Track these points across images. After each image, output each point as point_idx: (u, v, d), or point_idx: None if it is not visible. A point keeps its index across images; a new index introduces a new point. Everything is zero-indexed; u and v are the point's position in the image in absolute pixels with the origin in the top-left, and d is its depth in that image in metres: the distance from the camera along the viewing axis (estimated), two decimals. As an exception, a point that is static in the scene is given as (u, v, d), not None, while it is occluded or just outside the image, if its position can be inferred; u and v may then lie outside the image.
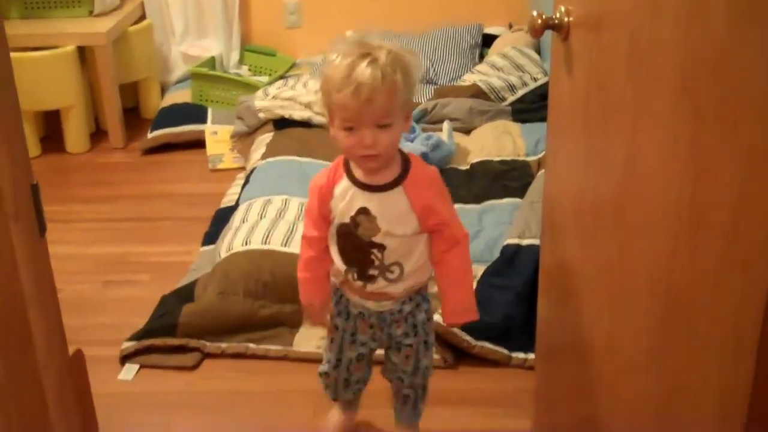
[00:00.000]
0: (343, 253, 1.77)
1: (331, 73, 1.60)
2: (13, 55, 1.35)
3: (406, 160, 1.72)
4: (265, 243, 2.63)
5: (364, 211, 1.70)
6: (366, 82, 1.56)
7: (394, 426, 2.06)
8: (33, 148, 3.71)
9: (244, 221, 2.80)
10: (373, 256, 1.74)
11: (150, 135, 3.84)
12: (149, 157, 3.83)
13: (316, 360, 2.34)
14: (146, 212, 3.35)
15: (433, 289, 1.91)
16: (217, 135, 3.73)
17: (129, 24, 3.97)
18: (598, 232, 1.43)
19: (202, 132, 3.77)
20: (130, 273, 2.92)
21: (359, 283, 1.78)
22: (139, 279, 2.88)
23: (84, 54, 3.79)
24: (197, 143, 3.79)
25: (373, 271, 1.75)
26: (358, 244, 1.73)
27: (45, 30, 3.76)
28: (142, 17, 4.15)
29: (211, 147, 3.71)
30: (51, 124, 3.90)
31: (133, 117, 4.13)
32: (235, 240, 2.69)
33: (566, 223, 1.66)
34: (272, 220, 2.75)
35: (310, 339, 2.48)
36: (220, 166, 3.66)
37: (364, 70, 1.56)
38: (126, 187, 3.56)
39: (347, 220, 1.72)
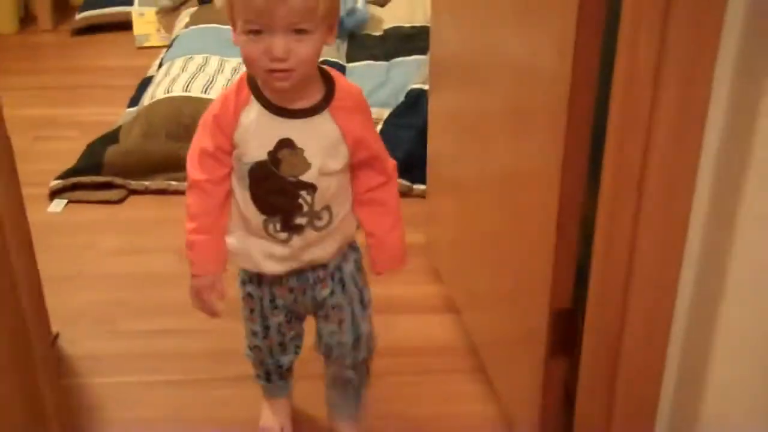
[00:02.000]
0: (258, 199, 1.42)
1: None
2: None
3: (327, 79, 1.40)
4: (186, 91, 2.81)
5: (286, 143, 1.37)
6: None
7: (331, 421, 1.72)
8: (-40, 28, 3.79)
9: (166, 75, 2.96)
10: (301, 200, 1.41)
11: (78, 16, 3.95)
12: (78, 38, 3.94)
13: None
14: (75, 82, 3.49)
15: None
16: (144, 16, 3.85)
17: None
18: (470, 87, 1.82)
19: (130, 13, 3.88)
20: (59, 130, 3.08)
21: (283, 235, 1.44)
22: (68, 135, 3.02)
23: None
24: (125, 25, 3.91)
25: (300, 219, 1.42)
26: (281, 186, 1.40)
27: None
28: None
29: (138, 27, 3.83)
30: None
31: (62, 4, 4.22)
32: (157, 90, 2.86)
33: (449, 75, 1.97)
34: (192, 73, 2.92)
35: (229, 178, 2.68)
36: (147, 44, 3.79)
37: None
38: (54, 62, 3.70)
39: (263, 156, 1.37)
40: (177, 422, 1.82)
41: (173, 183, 2.65)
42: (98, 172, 2.65)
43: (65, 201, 2.60)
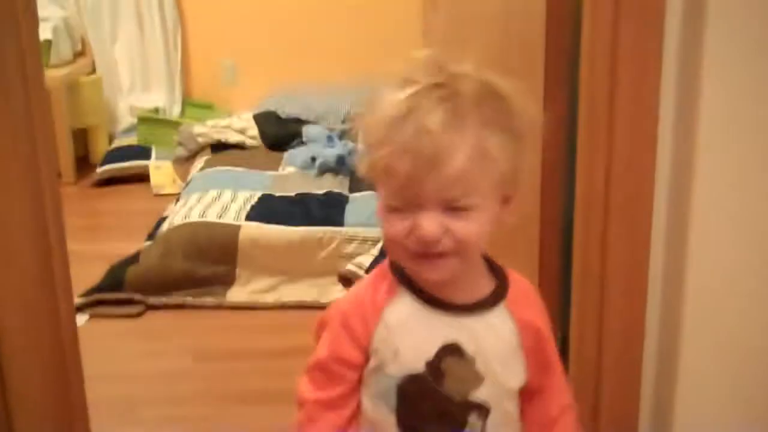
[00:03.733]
0: (407, 428, 1.06)
1: (375, 117, 0.98)
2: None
3: (493, 267, 1.10)
4: (202, 217, 3.04)
5: (452, 349, 1.04)
6: (432, 130, 0.93)
7: None
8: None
9: (182, 207, 3.20)
10: (468, 427, 1.06)
11: (99, 169, 4.24)
12: (99, 189, 4.22)
13: (246, 308, 2.75)
14: (97, 223, 3.74)
15: None
16: (161, 169, 4.15)
17: (81, 75, 4.43)
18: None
19: (147, 167, 4.18)
20: (83, 261, 3.27)
21: None
22: (92, 263, 3.22)
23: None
24: (142, 178, 4.19)
25: None
26: (444, 409, 1.05)
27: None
28: (93, 71, 4.61)
29: (155, 178, 4.12)
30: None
31: (83, 164, 4.53)
32: (175, 218, 3.09)
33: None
34: (207, 203, 3.16)
35: (241, 294, 2.87)
36: (163, 192, 4.06)
37: (430, 110, 0.94)
38: (78, 208, 3.95)
39: (420, 367, 1.04)
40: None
41: (189, 299, 2.83)
42: (119, 289, 2.83)
43: (87, 316, 2.77)
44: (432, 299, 1.05)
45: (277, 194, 3.25)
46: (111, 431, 2.13)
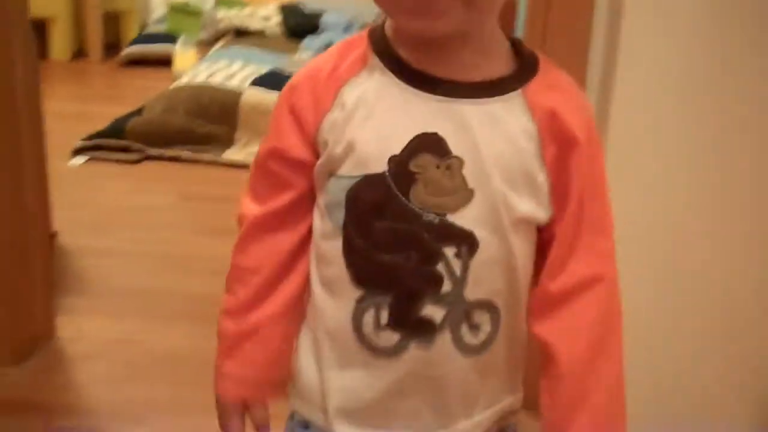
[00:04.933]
0: (355, 253, 0.74)
1: None
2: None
3: (520, 51, 0.76)
4: (208, 79, 3.10)
5: (431, 141, 0.72)
6: None
7: None
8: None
9: (191, 71, 3.26)
10: (441, 265, 0.73)
11: (125, 51, 4.31)
12: (124, 69, 4.29)
13: (242, 166, 2.79)
14: (114, 93, 3.82)
15: None
16: (184, 54, 4.19)
17: (117, -41, 4.50)
18: None
19: (172, 51, 4.22)
20: (94, 118, 3.36)
21: (388, 337, 0.74)
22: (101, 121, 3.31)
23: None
24: (167, 63, 4.23)
25: (432, 309, 0.73)
26: (408, 230, 0.72)
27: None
28: (131, -43, 4.68)
29: (178, 63, 4.16)
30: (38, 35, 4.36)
31: (114, 47, 4.60)
32: (181, 81, 3.15)
33: None
34: (215, 70, 3.22)
35: (238, 155, 2.91)
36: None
37: None
38: (99, 81, 4.04)
39: (381, 165, 0.72)
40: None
41: (186, 153, 2.88)
42: (120, 137, 2.90)
43: (86, 158, 2.84)
44: (410, 71, 0.73)
45: (287, 71, 3.28)
46: (78, 243, 2.20)
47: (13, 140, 1.65)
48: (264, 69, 3.25)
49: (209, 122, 2.94)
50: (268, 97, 2.97)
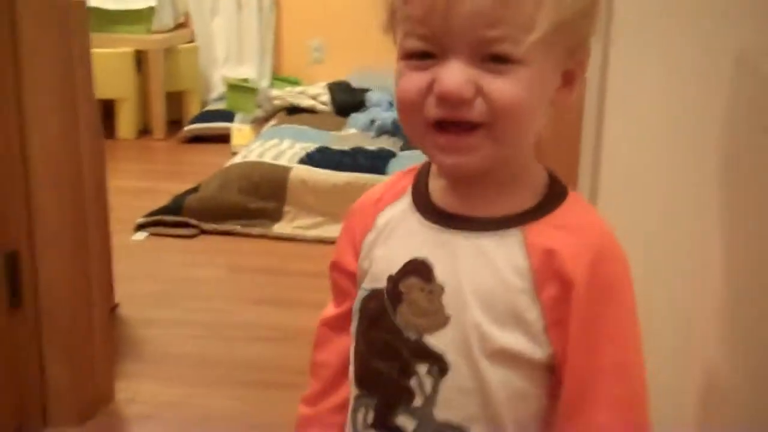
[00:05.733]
0: (359, 356, 0.84)
1: None
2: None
3: (554, 186, 0.80)
4: (259, 158, 3.35)
5: (418, 267, 0.79)
6: None
7: None
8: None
9: (245, 150, 3.52)
10: (414, 381, 0.78)
11: (185, 128, 4.61)
12: (185, 145, 4.58)
13: (288, 239, 3.01)
14: (176, 169, 4.10)
15: None
16: (241, 131, 4.47)
17: (179, 43, 4.83)
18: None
19: (229, 128, 4.51)
20: (157, 195, 3.62)
21: None
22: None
23: (140, 61, 4.62)
24: (226, 139, 4.52)
25: (403, 418, 0.79)
26: (390, 343, 0.80)
27: (111, 39, 4.61)
28: (192, 41, 5.01)
29: (235, 139, 4.45)
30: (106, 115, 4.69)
31: (177, 124, 4.92)
32: (235, 159, 3.41)
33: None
34: (267, 148, 3.47)
35: (286, 228, 3.14)
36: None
37: None
38: (162, 157, 4.34)
39: (384, 282, 0.81)
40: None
41: (238, 227, 3.13)
42: (178, 215, 3.15)
43: (147, 233, 3.10)
44: (427, 205, 0.80)
45: (334, 147, 3.51)
46: (137, 314, 2.43)
47: (78, 215, 1.86)
48: (312, 146, 3.49)
49: (260, 198, 3.18)
50: (314, 173, 3.20)
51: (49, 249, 1.82)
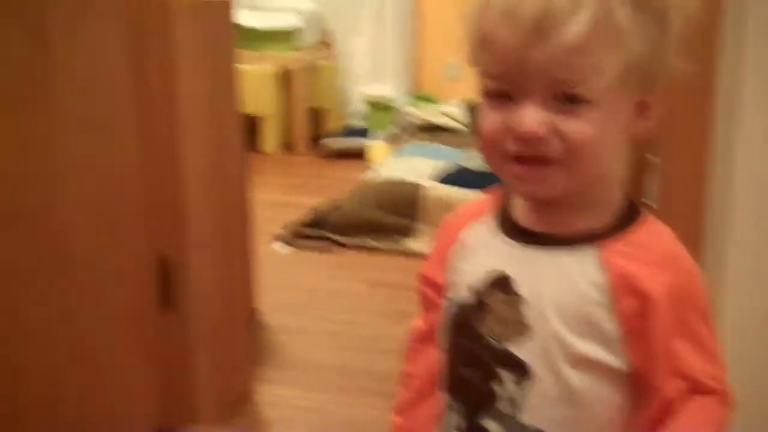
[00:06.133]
0: (449, 364, 0.90)
1: None
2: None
3: (631, 208, 0.85)
4: (395, 174, 3.46)
5: (500, 281, 0.85)
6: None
7: None
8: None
9: (383, 168, 3.61)
10: (496, 384, 0.84)
11: (326, 143, 4.73)
12: (325, 160, 4.70)
13: (419, 255, 3.05)
14: (318, 183, 4.23)
15: None
16: (376, 146, 4.57)
17: (321, 62, 4.97)
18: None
19: (365, 144, 4.61)
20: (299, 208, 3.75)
21: None
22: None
23: (284, 79, 4.78)
24: (363, 155, 4.62)
25: (487, 420, 0.85)
26: (475, 351, 0.86)
27: (257, 56, 4.79)
28: (334, 59, 5.15)
29: (371, 154, 4.54)
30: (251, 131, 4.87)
31: (318, 144, 5.03)
32: (372, 173, 3.56)
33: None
34: (403, 166, 3.57)
35: (417, 245, 3.20)
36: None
37: None
38: (305, 171, 4.49)
39: (466, 293, 0.88)
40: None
41: (369, 240, 3.25)
42: (319, 228, 3.27)
43: (289, 246, 3.23)
44: (509, 223, 0.86)
45: (472, 167, 3.54)
46: (277, 322, 2.51)
47: (224, 223, 1.96)
48: (444, 164, 3.57)
49: (394, 214, 3.28)
50: (446, 191, 3.26)
51: (198, 255, 1.90)
